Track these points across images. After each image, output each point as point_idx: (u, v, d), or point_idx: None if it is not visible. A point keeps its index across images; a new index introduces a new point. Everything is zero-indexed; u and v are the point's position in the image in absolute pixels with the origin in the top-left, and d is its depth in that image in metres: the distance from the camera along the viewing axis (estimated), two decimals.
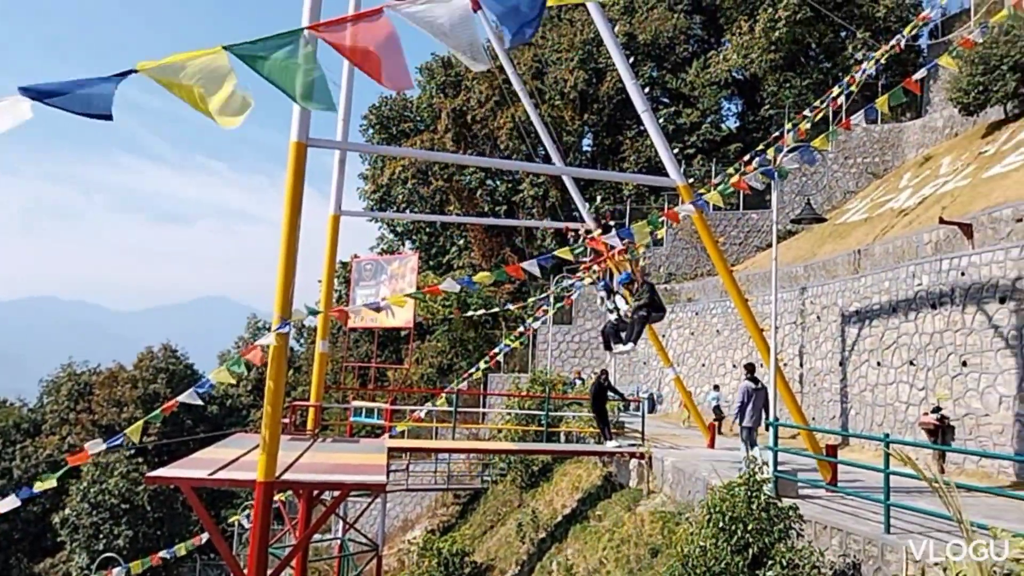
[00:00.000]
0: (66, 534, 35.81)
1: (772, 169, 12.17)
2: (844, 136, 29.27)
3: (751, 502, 8.96)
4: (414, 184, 40.65)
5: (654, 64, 38.93)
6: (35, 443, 42.58)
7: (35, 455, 41.49)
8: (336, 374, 33.19)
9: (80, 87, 4.37)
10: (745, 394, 12.80)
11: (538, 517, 17.84)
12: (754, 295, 21.09)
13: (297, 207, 9.66)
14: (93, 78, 4.44)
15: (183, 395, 11.46)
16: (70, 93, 4.35)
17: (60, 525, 35.52)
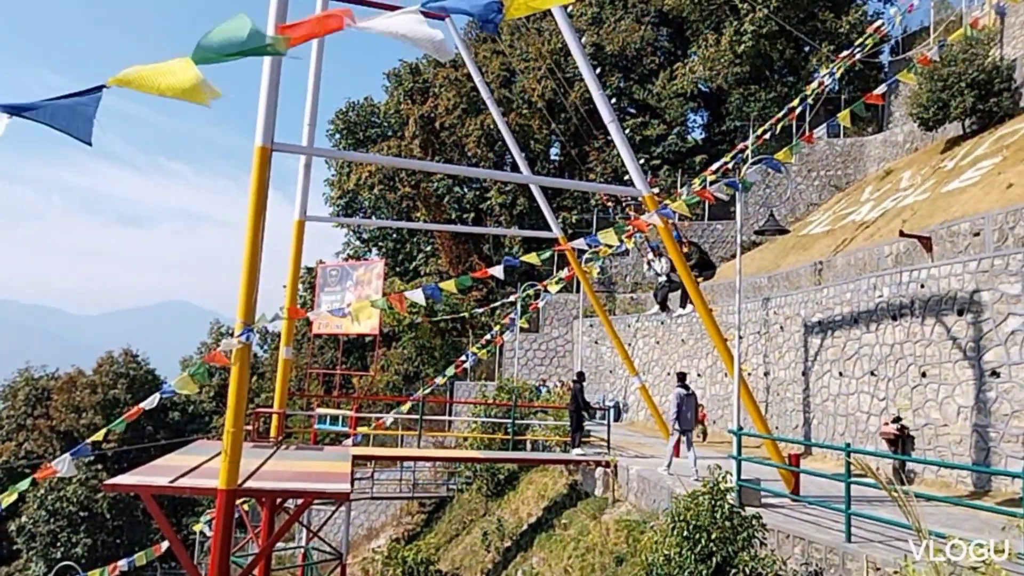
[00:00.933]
0: (22, 542, 34.88)
1: (736, 181, 12.34)
2: (808, 149, 29.85)
3: (715, 511, 9.02)
4: (381, 190, 40.40)
5: (621, 75, 39.29)
6: None
7: None
8: (300, 381, 32.74)
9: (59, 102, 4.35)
10: (679, 400, 13.90)
11: (504, 526, 17.77)
12: (719, 305, 21.34)
13: (261, 212, 9.52)
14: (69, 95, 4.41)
15: (146, 402, 11.24)
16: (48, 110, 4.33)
17: (16, 533, 34.59)
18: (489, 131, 37.20)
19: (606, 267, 31.39)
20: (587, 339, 28.69)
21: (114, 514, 35.63)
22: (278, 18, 9.43)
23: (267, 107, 9.46)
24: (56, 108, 4.37)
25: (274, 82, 9.53)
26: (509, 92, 38.80)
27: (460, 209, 40.63)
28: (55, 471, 10.98)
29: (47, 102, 4.38)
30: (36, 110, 4.33)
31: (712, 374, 22.16)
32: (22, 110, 4.31)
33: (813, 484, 11.95)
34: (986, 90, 20.92)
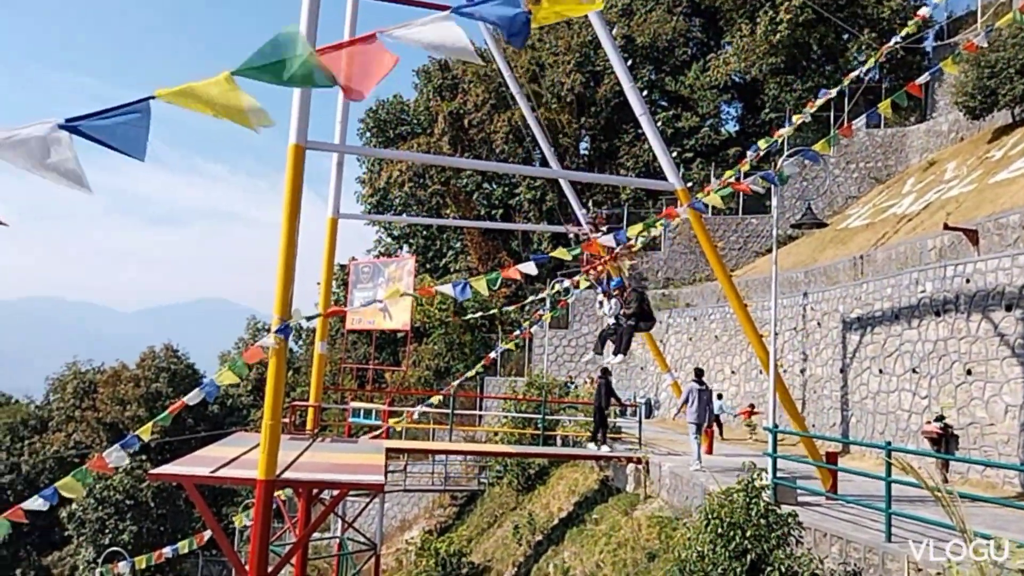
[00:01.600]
0: (73, 528, 36.08)
1: (772, 173, 12.11)
2: (846, 141, 29.20)
3: (750, 508, 8.88)
4: (411, 187, 40.60)
5: (652, 67, 38.86)
6: (42, 439, 43.08)
7: (42, 451, 41.99)
8: (334, 375, 33.12)
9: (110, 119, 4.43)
10: (690, 393, 14.41)
11: (535, 520, 17.77)
12: (753, 301, 21.02)
13: (296, 209, 9.62)
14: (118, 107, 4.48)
15: (189, 396, 11.48)
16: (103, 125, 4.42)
17: (67, 519, 35.78)
18: (518, 127, 37.11)
19: (636, 263, 31.14)
20: None
21: (158, 503, 36.56)
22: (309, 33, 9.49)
23: (300, 105, 9.55)
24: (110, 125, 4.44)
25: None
26: (538, 86, 38.65)
27: (489, 205, 40.66)
28: (107, 462, 11.27)
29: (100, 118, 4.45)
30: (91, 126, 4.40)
31: (747, 371, 21.86)
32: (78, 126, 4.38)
33: (851, 483, 11.71)
34: None
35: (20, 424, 44.06)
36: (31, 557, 39.67)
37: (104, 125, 4.44)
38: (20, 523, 11.37)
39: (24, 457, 41.70)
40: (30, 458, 41.53)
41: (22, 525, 11.55)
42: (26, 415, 45.49)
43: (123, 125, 4.47)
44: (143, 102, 4.57)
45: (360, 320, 22.47)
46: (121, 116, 4.49)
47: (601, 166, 38.94)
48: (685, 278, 31.28)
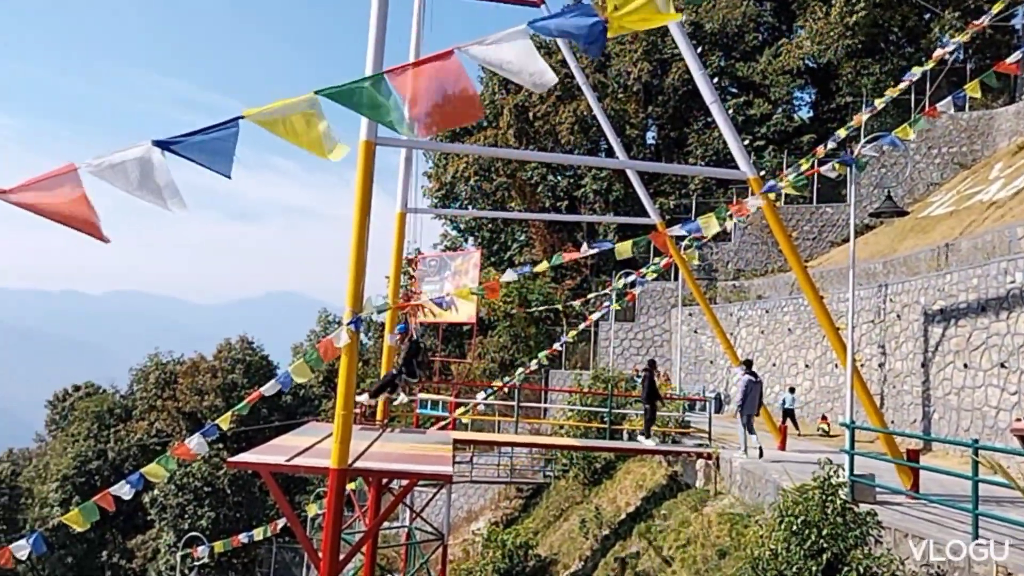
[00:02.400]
0: (155, 513, 37.99)
1: (849, 158, 11.69)
2: (928, 125, 27.77)
3: (826, 506, 8.64)
4: (477, 181, 40.85)
5: (722, 53, 37.95)
6: (127, 427, 45.20)
7: (127, 439, 44.09)
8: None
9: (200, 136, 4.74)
10: (747, 386, 14.25)
11: (601, 514, 17.71)
12: (829, 293, 20.36)
13: (367, 204, 9.82)
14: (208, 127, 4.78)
15: (266, 387, 11.92)
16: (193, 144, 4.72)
17: (150, 505, 37.65)
18: (583, 117, 36.85)
19: (706, 254, 30.57)
20: (686, 328, 28.07)
21: (234, 490, 38.06)
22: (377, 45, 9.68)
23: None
24: (200, 143, 4.74)
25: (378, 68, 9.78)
26: (604, 76, 38.26)
27: (554, 197, 40.57)
28: (189, 449, 11.84)
29: (191, 137, 4.76)
30: (182, 145, 4.71)
31: (821, 365, 21.21)
32: (171, 145, 4.70)
33: (934, 481, 11.23)
34: None
35: (106, 413, 46.20)
36: (116, 540, 41.88)
37: (195, 143, 4.73)
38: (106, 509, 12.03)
39: (110, 444, 43.82)
40: (115, 445, 43.62)
41: (107, 510, 12.18)
42: (112, 404, 47.65)
43: (212, 143, 4.75)
44: (232, 122, 4.85)
45: (426, 312, 22.81)
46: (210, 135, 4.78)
47: (669, 156, 38.33)
48: (757, 269, 30.51)
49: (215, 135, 4.79)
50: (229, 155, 4.77)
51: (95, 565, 41.50)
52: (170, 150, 4.75)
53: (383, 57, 9.83)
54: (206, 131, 4.79)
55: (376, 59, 9.75)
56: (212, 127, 4.81)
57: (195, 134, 4.77)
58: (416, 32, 17.70)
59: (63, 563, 41.09)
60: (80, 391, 51.66)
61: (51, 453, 48.66)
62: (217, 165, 4.76)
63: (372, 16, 9.86)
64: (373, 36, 9.78)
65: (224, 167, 4.77)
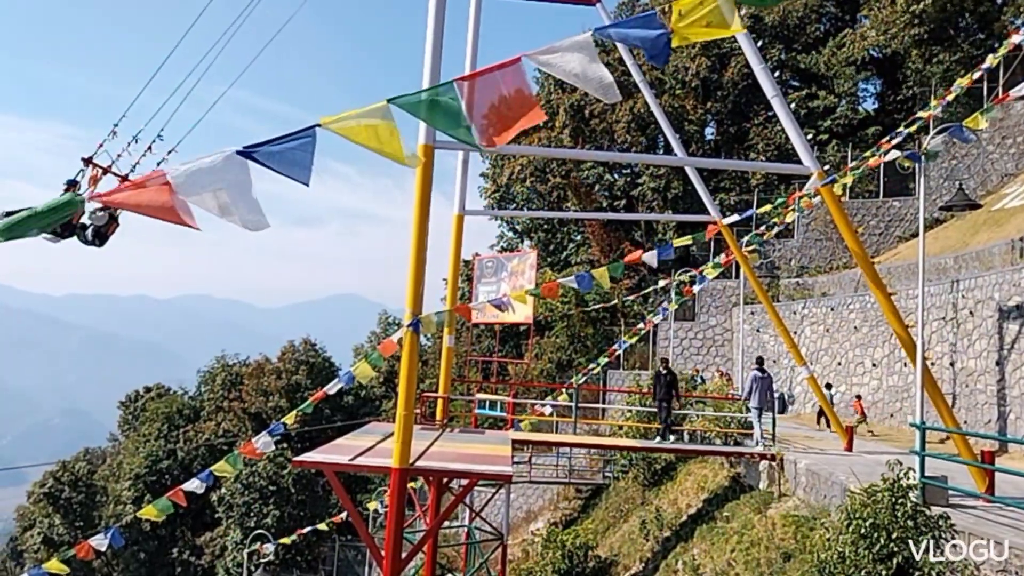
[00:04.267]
0: (222, 511, 39.18)
1: (917, 152, 11.34)
2: (1002, 113, 26.66)
3: (895, 509, 8.41)
4: (532, 182, 40.91)
5: (783, 46, 37.10)
6: (195, 428, 46.69)
7: (195, 439, 45.56)
8: (461, 368, 34.03)
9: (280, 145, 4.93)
10: (753, 381, 15.92)
11: (662, 515, 17.56)
12: (897, 289, 19.72)
13: (426, 207, 10.02)
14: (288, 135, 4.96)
15: (329, 386, 12.25)
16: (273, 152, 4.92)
17: (217, 503, 38.86)
18: (639, 115, 36.54)
19: (768, 251, 29.95)
20: (748, 327, 27.56)
21: (298, 489, 38.97)
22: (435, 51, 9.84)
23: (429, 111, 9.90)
24: (279, 152, 4.92)
25: (435, 82, 9.96)
26: (661, 73, 37.83)
27: (611, 196, 40.33)
28: (255, 448, 12.24)
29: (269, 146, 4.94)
30: (261, 153, 4.90)
31: (889, 363, 20.55)
32: (252, 154, 4.90)
33: (1011, 484, 10.79)
34: None
35: (176, 413, 47.69)
36: (186, 536, 43.40)
37: (273, 152, 4.93)
38: (178, 504, 12.55)
39: (179, 444, 45.24)
40: (184, 445, 45.01)
41: (179, 506, 12.71)
42: (181, 405, 49.17)
43: (290, 152, 4.96)
44: (309, 130, 5.01)
45: (484, 314, 23.03)
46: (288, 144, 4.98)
47: (729, 151, 37.70)
48: (821, 266, 29.73)
49: (292, 144, 4.95)
50: (307, 164, 4.93)
51: (166, 561, 43.08)
52: (252, 158, 4.94)
53: (440, 62, 10.00)
54: (283, 140, 4.95)
55: (434, 65, 9.93)
56: (289, 136, 4.97)
57: (272, 142, 4.94)
58: (472, 35, 17.92)
59: (136, 559, 42.82)
60: (151, 392, 53.54)
61: (124, 452, 50.66)
62: (295, 173, 4.92)
63: (429, 21, 10.05)
64: (431, 42, 9.96)
65: (303, 175, 4.94)
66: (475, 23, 17.93)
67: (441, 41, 10.04)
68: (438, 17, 9.96)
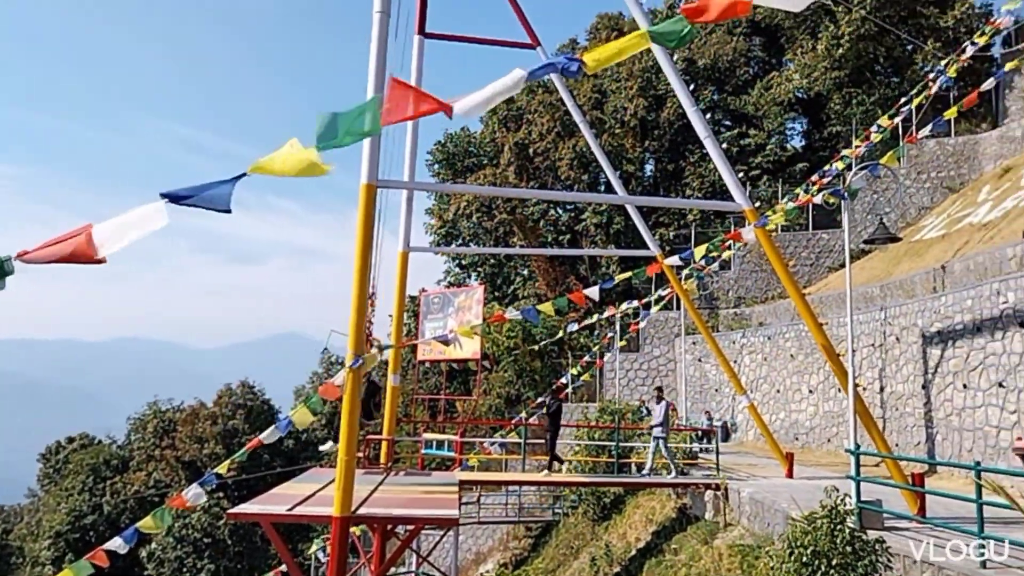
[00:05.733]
0: (152, 568, 37.14)
1: (840, 188, 11.94)
2: (917, 151, 28.31)
3: (834, 535, 8.64)
4: (479, 218, 41.25)
5: (715, 88, 38.70)
6: (123, 479, 44.31)
7: (124, 491, 43.15)
8: (407, 407, 33.60)
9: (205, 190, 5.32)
10: (665, 410, 16.25)
11: (612, 550, 17.57)
12: (828, 318, 20.49)
13: (368, 246, 10.00)
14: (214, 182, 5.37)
15: (265, 434, 11.88)
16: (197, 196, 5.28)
17: (147, 559, 36.86)
18: (582, 153, 37.39)
19: (707, 283, 30.75)
20: (690, 357, 28.11)
21: (235, 540, 37.40)
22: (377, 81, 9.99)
23: (371, 147, 9.98)
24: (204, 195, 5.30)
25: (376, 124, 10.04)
26: (601, 113, 38.91)
27: (556, 231, 40.92)
28: (186, 500, 11.73)
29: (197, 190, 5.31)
30: (189, 198, 5.26)
31: (824, 390, 21.23)
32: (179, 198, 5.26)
33: (941, 505, 11.23)
34: None
35: (102, 464, 45.11)
36: None
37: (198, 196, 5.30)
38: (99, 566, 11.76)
39: (106, 497, 42.71)
40: (112, 498, 42.54)
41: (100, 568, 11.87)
42: (108, 455, 46.63)
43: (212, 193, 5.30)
44: (237, 179, 5.38)
45: (430, 350, 22.89)
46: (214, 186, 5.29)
47: (667, 188, 38.79)
48: (757, 296, 30.68)
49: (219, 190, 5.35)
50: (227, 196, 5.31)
51: None
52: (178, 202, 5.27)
53: None
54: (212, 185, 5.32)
55: None
56: (218, 183, 5.34)
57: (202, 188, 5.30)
58: (416, 78, 18.15)
59: None
60: (74, 443, 50.71)
61: (44, 509, 47.69)
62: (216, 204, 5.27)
63: (371, 67, 10.16)
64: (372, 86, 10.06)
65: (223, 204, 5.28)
66: (418, 65, 18.18)
67: (383, 86, 10.13)
68: (379, 66, 10.09)
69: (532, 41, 18.90)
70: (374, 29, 10.01)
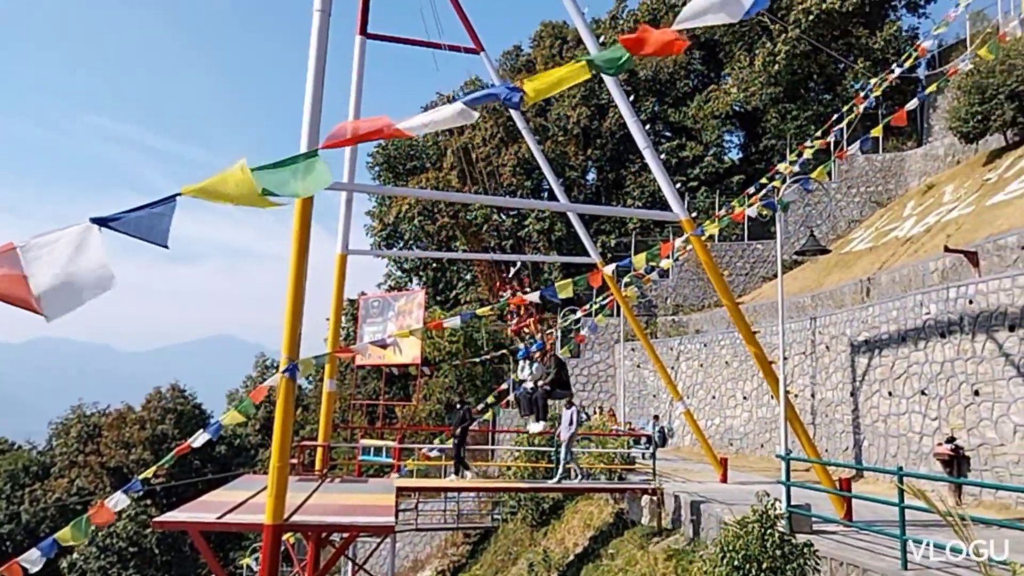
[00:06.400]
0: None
1: (773, 201, 12.27)
2: (847, 166, 29.43)
3: (765, 539, 8.83)
4: (420, 221, 40.95)
5: (655, 99, 39.42)
6: (44, 486, 42.49)
7: (44, 498, 41.42)
8: (344, 412, 33.05)
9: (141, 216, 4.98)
10: (572, 415, 15.71)
11: (550, 556, 17.60)
12: (762, 326, 21.05)
13: (304, 249, 9.77)
14: (146, 204, 5.03)
15: (193, 438, 11.48)
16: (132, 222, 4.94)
17: (68, 570, 35.23)
18: (525, 159, 37.55)
19: (646, 290, 31.22)
20: (629, 363, 28.47)
21: (163, 549, 36.15)
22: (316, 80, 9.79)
23: (309, 146, 9.73)
24: (137, 219, 4.96)
25: (315, 123, 9.82)
26: (545, 120, 39.18)
27: (499, 237, 40.93)
28: (110, 511, 11.22)
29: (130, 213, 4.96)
30: (120, 221, 4.90)
31: (758, 396, 21.79)
32: (109, 221, 4.89)
33: (866, 508, 11.62)
34: None
35: (21, 471, 43.49)
36: None
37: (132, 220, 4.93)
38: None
39: (24, 506, 41.07)
40: (31, 506, 40.95)
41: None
42: (28, 461, 44.99)
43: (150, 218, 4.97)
44: (170, 199, 5.09)
45: (369, 355, 22.56)
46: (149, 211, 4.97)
47: (608, 196, 39.29)
48: (694, 304, 31.32)
49: (153, 211, 5.00)
50: (165, 229, 4.97)
51: None
52: (109, 226, 4.88)
53: (320, 116, 9.87)
54: (145, 208, 4.99)
55: (313, 119, 9.81)
56: (150, 204, 5.02)
57: (134, 211, 4.95)
58: (356, 79, 17.87)
59: None
60: None
61: None
62: (154, 237, 4.95)
63: (309, 74, 9.94)
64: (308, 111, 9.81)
65: (160, 238, 4.96)
66: (359, 66, 17.91)
67: (321, 93, 9.91)
68: (318, 65, 9.87)
69: (476, 46, 18.87)
70: (314, 28, 9.79)
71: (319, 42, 9.80)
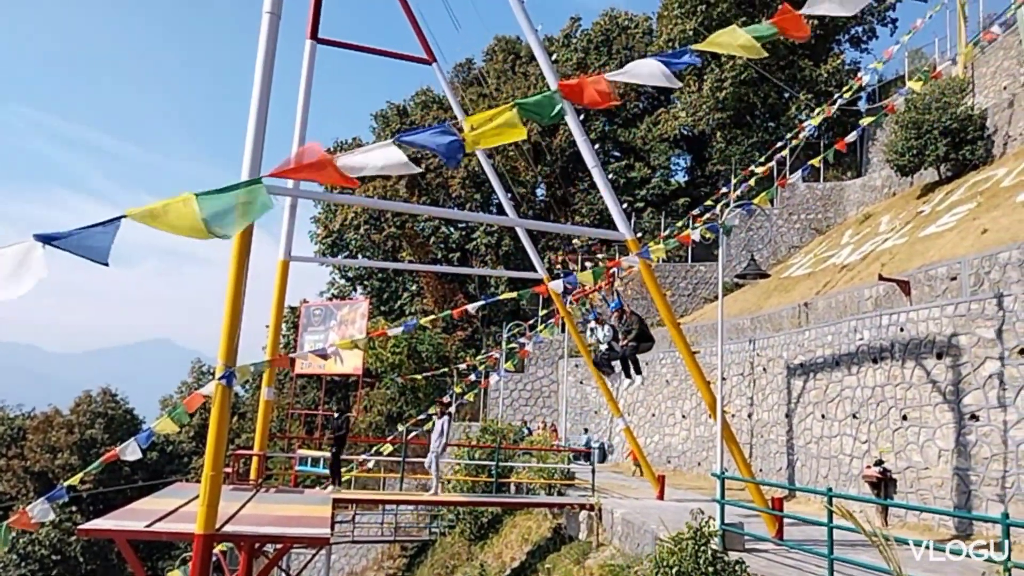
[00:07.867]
0: None
1: (717, 224, 12.55)
2: (789, 193, 30.36)
3: (698, 556, 8.95)
4: (367, 230, 40.54)
5: (606, 119, 40.02)
6: None
7: None
8: (282, 421, 32.33)
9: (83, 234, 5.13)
10: (443, 425, 15.91)
11: (486, 571, 17.50)
12: (702, 347, 21.43)
13: (245, 255, 9.55)
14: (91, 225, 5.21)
15: (122, 447, 11.07)
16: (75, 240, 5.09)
17: None
18: (475, 172, 37.60)
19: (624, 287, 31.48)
20: (572, 379, 28.64)
21: (88, 558, 34.72)
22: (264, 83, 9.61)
23: (253, 147, 9.52)
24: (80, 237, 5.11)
25: (261, 122, 9.60)
26: None
27: (446, 249, 40.83)
28: (31, 519, 10.71)
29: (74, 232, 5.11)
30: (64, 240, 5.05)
31: (696, 415, 22.14)
32: (53, 239, 5.03)
33: (797, 528, 11.89)
34: (959, 138, 21.46)
35: None
36: None
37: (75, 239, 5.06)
38: None
39: None
40: None
41: None
42: None
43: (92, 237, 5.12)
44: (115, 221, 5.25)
45: (309, 364, 22.13)
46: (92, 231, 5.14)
47: (557, 212, 39.61)
48: None
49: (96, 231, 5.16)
50: (106, 248, 5.16)
51: None
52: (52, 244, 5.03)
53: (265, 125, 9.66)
54: (89, 228, 5.15)
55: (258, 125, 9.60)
56: (95, 225, 5.20)
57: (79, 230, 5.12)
58: (305, 85, 17.64)
59: None
60: None
61: None
62: (94, 255, 5.10)
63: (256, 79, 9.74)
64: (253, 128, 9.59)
65: (100, 256, 5.12)
66: (308, 70, 17.69)
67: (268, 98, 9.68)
68: (266, 69, 9.68)
69: (428, 57, 18.85)
70: (263, 30, 9.59)
71: (268, 45, 9.60)
